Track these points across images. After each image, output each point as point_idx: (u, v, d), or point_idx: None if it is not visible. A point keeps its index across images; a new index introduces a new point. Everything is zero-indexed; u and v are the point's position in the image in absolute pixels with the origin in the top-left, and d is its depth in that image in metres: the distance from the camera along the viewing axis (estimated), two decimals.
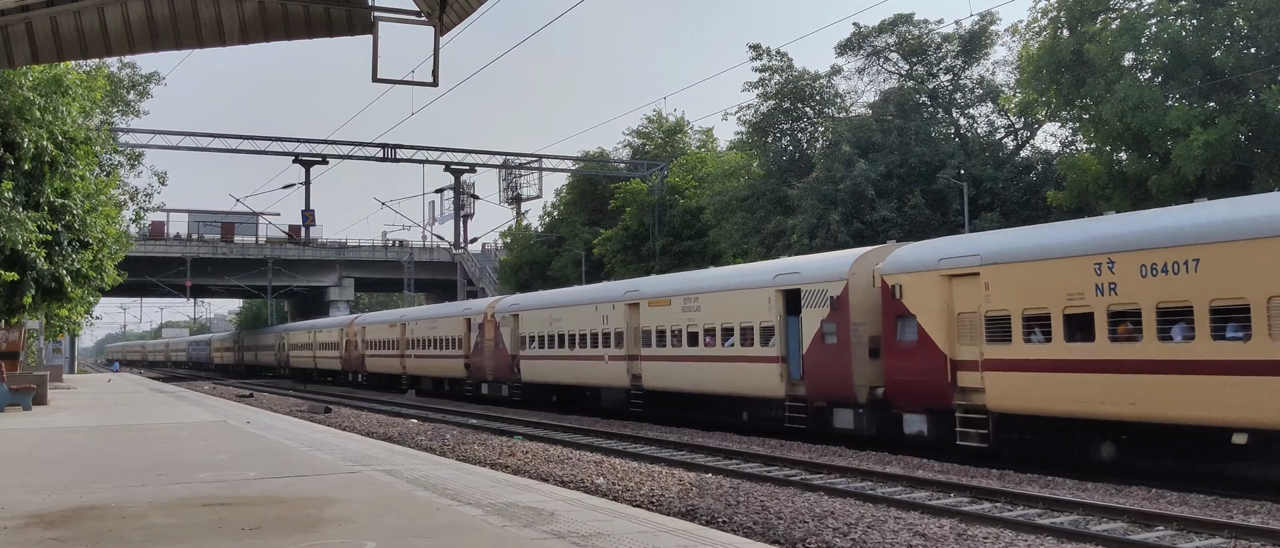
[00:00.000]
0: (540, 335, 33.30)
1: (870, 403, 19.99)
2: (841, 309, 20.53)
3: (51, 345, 52.86)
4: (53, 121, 23.91)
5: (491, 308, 37.64)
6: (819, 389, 21.21)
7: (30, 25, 11.00)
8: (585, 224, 66.56)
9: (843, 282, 20.63)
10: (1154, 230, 15.10)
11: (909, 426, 19.01)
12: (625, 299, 28.69)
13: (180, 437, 18.36)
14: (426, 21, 11.13)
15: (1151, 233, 15.08)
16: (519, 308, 35.60)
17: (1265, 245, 13.49)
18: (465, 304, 42.50)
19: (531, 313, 34.45)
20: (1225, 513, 12.57)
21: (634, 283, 30.15)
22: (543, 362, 33.32)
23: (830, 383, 20.81)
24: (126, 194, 37.14)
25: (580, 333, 30.79)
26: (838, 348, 20.52)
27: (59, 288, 27.03)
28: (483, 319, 38.02)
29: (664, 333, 26.52)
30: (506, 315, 36.06)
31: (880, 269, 19.71)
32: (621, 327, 28.46)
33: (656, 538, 8.24)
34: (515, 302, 37.21)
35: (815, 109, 49.96)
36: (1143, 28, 32.13)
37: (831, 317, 20.74)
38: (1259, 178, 29.32)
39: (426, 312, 48.32)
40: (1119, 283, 15.18)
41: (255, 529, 8.61)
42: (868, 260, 20.63)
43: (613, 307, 29.17)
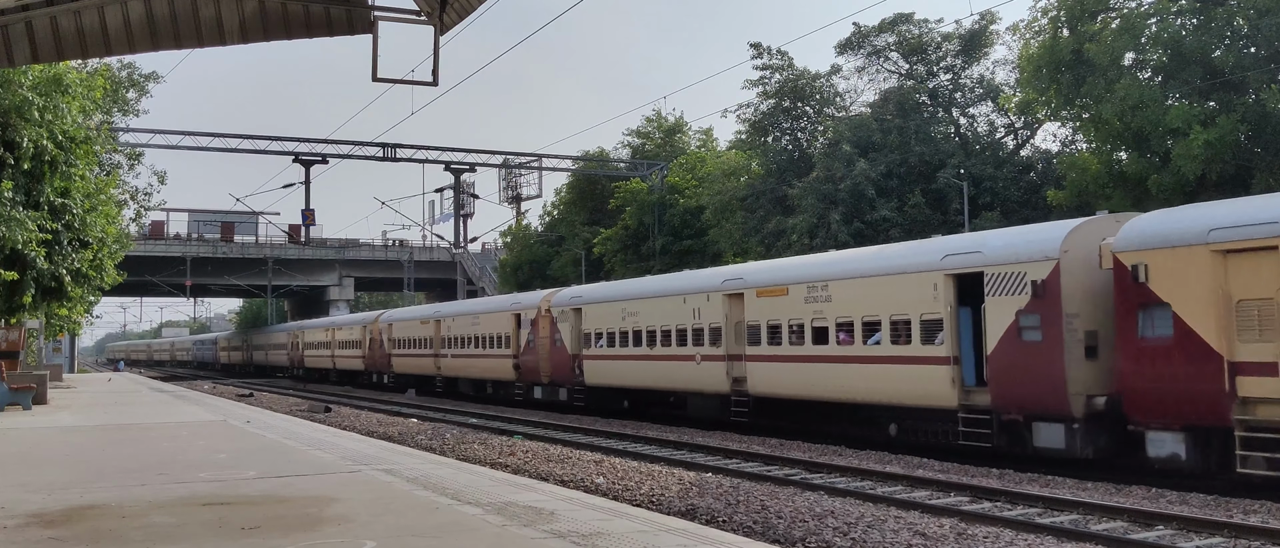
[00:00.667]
0: (609, 332, 29.17)
1: (1088, 416, 15.97)
2: (1049, 296, 16.44)
3: (51, 345, 52.84)
4: (53, 121, 23.90)
5: (547, 301, 33.43)
6: (1011, 399, 17.02)
7: (30, 25, 11.00)
8: (585, 224, 66.59)
9: (1052, 262, 16.49)
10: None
11: (1156, 447, 14.92)
12: (724, 289, 24.54)
13: (180, 436, 18.36)
14: (426, 21, 11.13)
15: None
16: (582, 301, 31.22)
17: None
18: (515, 297, 38.10)
19: (598, 306, 30.14)
20: (1225, 513, 12.57)
21: (736, 269, 25.77)
22: (612, 362, 29.13)
23: (1030, 391, 16.70)
24: (126, 194, 37.17)
25: (662, 329, 26.60)
26: (1043, 346, 16.44)
27: (59, 287, 27.02)
28: (536, 314, 33.57)
29: (778, 329, 22.38)
30: (565, 309, 31.79)
31: (1111, 245, 15.69)
32: (718, 321, 24.51)
33: (656, 537, 8.24)
34: (577, 294, 32.49)
35: (815, 108, 49.98)
36: (1143, 27, 32.13)
37: (1033, 306, 16.65)
38: (1259, 177, 29.33)
39: (467, 307, 43.64)
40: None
41: (255, 529, 8.61)
42: (1088, 233, 16.60)
43: (706, 298, 25.11)
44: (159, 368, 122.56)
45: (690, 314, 25.66)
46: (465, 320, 40.47)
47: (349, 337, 56.79)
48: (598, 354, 29.96)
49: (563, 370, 32.02)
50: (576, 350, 31.12)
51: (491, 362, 37.80)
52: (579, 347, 31.06)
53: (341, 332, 59.12)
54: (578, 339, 31.13)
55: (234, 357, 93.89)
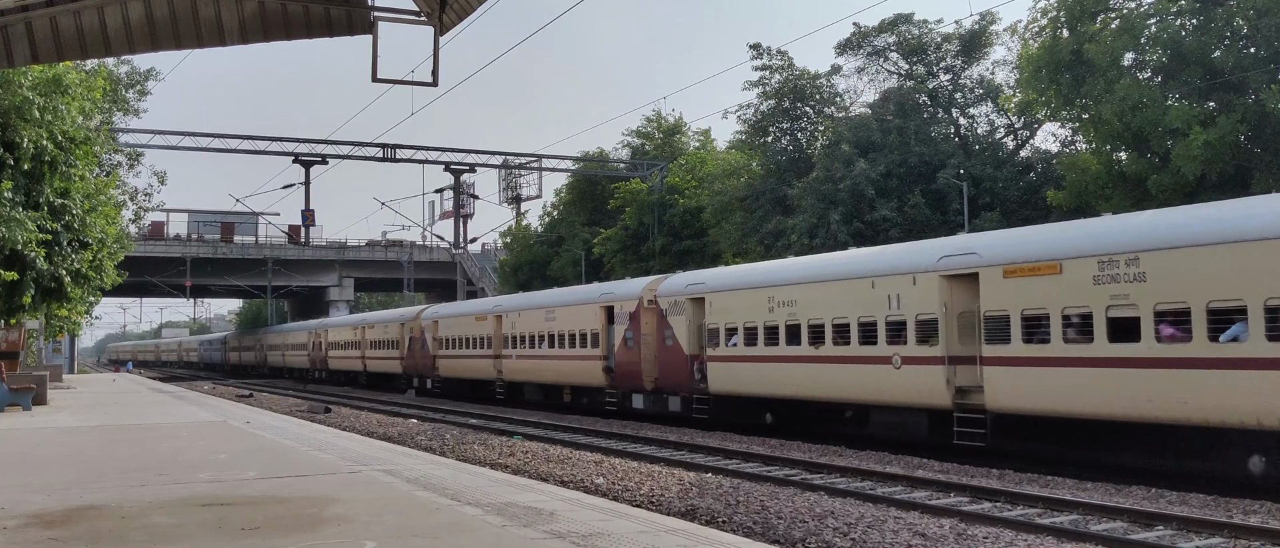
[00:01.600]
0: (747, 326, 23.26)
1: None
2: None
3: (51, 345, 52.86)
4: (52, 121, 23.92)
5: (650, 291, 27.67)
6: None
7: (30, 25, 11.00)
8: (585, 224, 66.62)
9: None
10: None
11: None
12: (942, 268, 18.43)
13: (180, 437, 18.36)
14: (426, 21, 11.14)
15: None
16: (705, 288, 25.22)
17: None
18: (606, 287, 31.65)
19: (732, 295, 24.22)
20: (1225, 513, 12.57)
21: (963, 241, 19.29)
22: (751, 366, 23.15)
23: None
24: (126, 194, 37.20)
25: (835, 322, 20.71)
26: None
27: (59, 288, 27.03)
28: (635, 306, 27.87)
29: (1040, 321, 16.52)
30: (679, 299, 26.09)
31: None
32: (931, 311, 18.43)
33: (656, 538, 8.24)
34: (697, 280, 26.51)
35: (815, 108, 50.01)
36: (1142, 27, 32.16)
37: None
38: (1258, 177, 29.34)
39: (538, 299, 36.22)
40: None
41: (255, 529, 8.60)
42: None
43: (912, 281, 18.98)
44: (166, 369, 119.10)
45: (882, 302, 19.48)
46: (535, 315, 34.25)
47: (384, 336, 50.42)
48: (729, 355, 23.88)
49: (676, 375, 26.12)
50: (695, 350, 25.33)
51: (572, 364, 31.47)
52: (700, 345, 25.21)
53: (374, 330, 52.29)
54: (698, 336, 25.31)
55: (246, 357, 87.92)
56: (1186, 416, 14.38)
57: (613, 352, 29.14)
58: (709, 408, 24.81)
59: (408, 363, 46.83)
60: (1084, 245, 16.16)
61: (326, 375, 61.24)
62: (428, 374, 44.23)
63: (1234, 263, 13.92)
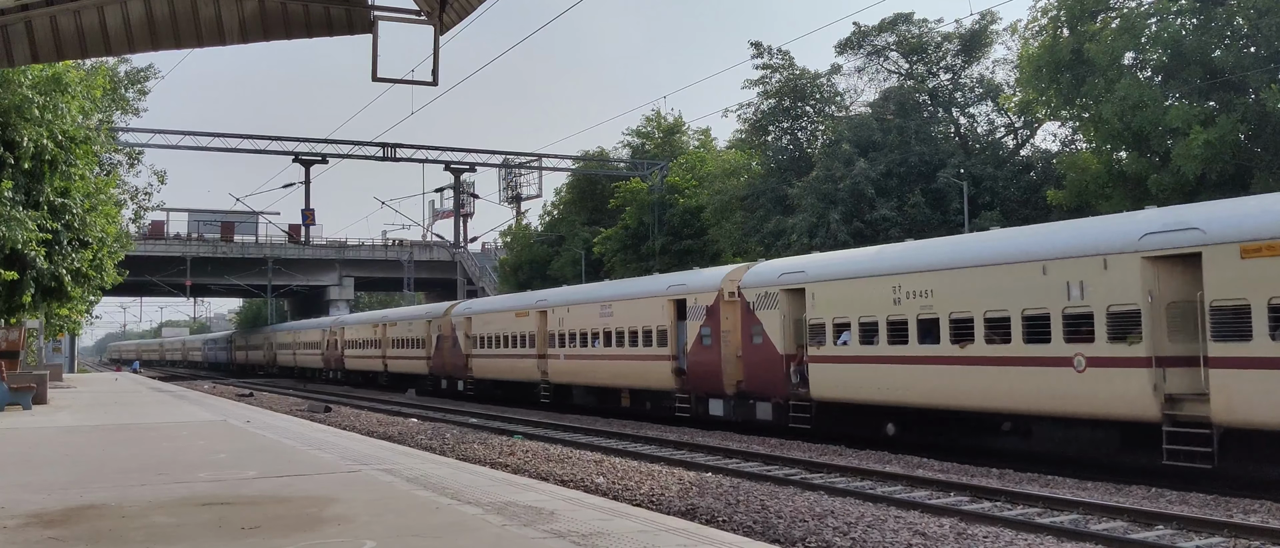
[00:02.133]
0: (862, 322, 19.98)
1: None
2: None
3: (51, 345, 52.86)
4: (52, 120, 23.92)
5: (732, 282, 24.26)
6: None
7: (30, 25, 11.00)
8: (585, 223, 66.62)
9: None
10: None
11: None
12: (1144, 249, 15.14)
13: (180, 436, 18.36)
14: (426, 21, 11.14)
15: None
16: (805, 278, 21.78)
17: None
18: (676, 278, 27.51)
19: (840, 286, 20.74)
20: (1225, 512, 12.57)
21: (1170, 215, 15.65)
22: (865, 368, 19.91)
23: None
24: (126, 193, 37.20)
25: (989, 316, 17.22)
26: None
27: (59, 287, 27.03)
28: (714, 300, 24.58)
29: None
30: (772, 291, 22.69)
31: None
32: (1129, 302, 15.18)
33: (656, 537, 8.24)
34: (796, 268, 22.65)
35: (815, 108, 50.01)
36: (1142, 27, 32.16)
37: None
38: (1259, 177, 29.34)
39: (592, 292, 32.20)
40: None
41: (255, 529, 8.60)
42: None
43: (1101, 265, 15.63)
44: (170, 368, 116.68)
45: (1057, 291, 16.10)
46: (588, 310, 30.62)
47: (408, 334, 46.77)
48: (838, 355, 20.59)
49: (766, 378, 22.81)
50: (791, 349, 22.10)
51: (633, 365, 27.92)
52: (799, 344, 22.02)
53: (397, 328, 48.48)
54: (795, 333, 22.09)
55: (253, 356, 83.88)
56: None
57: (684, 351, 25.71)
58: (811, 416, 21.35)
59: (435, 363, 43.49)
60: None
61: (343, 376, 57.88)
62: (459, 376, 40.69)
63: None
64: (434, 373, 43.54)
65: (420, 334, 45.00)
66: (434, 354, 43.25)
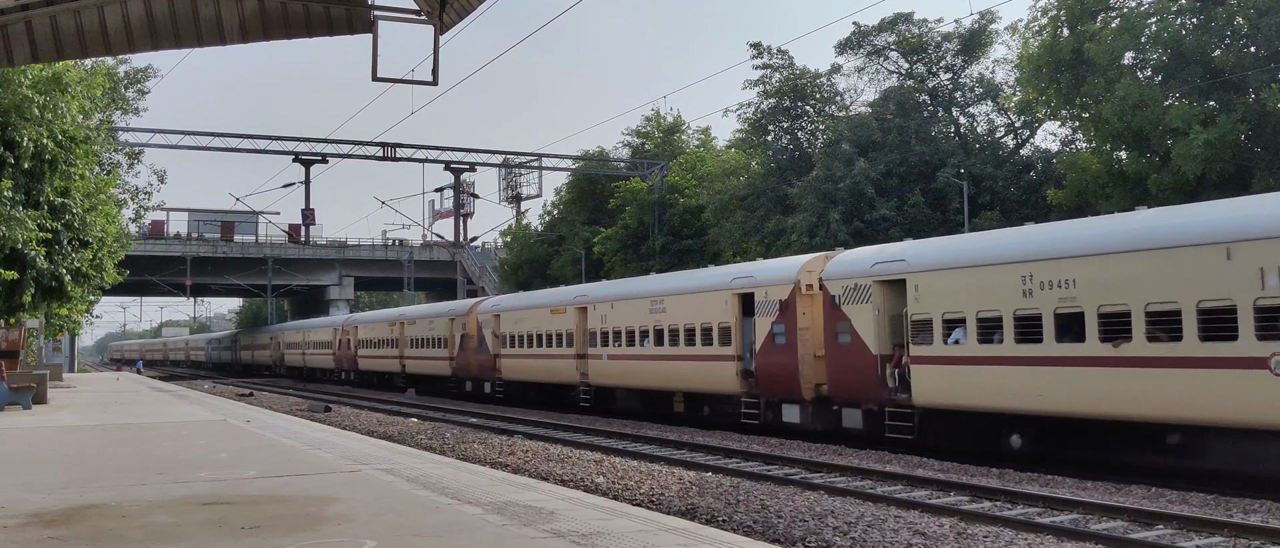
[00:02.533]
0: (982, 317, 17.34)
1: None
2: None
3: (51, 344, 52.89)
4: (52, 120, 23.93)
5: (811, 274, 21.58)
6: None
7: (30, 25, 11.00)
8: (585, 223, 66.64)
9: None
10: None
11: None
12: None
13: (180, 436, 18.37)
14: (426, 21, 11.14)
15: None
16: (907, 268, 19.00)
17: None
18: (741, 270, 24.97)
19: (951, 276, 18.09)
20: (1225, 512, 12.57)
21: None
22: (988, 370, 17.21)
23: None
24: (126, 193, 37.23)
25: (1153, 310, 14.84)
26: None
27: (59, 287, 27.04)
28: (788, 293, 21.80)
29: None
30: (863, 283, 19.78)
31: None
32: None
33: (656, 537, 8.24)
34: (893, 257, 19.71)
35: (815, 107, 50.03)
36: (1142, 27, 32.16)
37: None
38: (1259, 177, 29.36)
39: (642, 286, 29.05)
40: None
41: (255, 528, 8.61)
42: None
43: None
44: (173, 368, 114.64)
45: (1246, 278, 13.74)
46: (635, 306, 27.96)
47: (429, 332, 44.17)
48: (950, 356, 17.93)
49: (855, 381, 20.01)
50: (885, 348, 19.44)
51: (690, 367, 25.20)
52: (894, 342, 19.41)
53: (417, 326, 45.81)
54: (892, 330, 19.40)
55: (260, 356, 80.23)
56: None
57: (751, 350, 23.19)
58: (914, 426, 18.60)
59: (459, 363, 40.72)
60: None
61: (356, 377, 54.98)
62: (487, 377, 37.85)
63: None
64: (458, 374, 41.00)
65: (442, 333, 42.37)
66: (458, 354, 40.70)
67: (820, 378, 21.26)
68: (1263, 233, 13.68)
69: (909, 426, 18.66)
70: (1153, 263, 14.85)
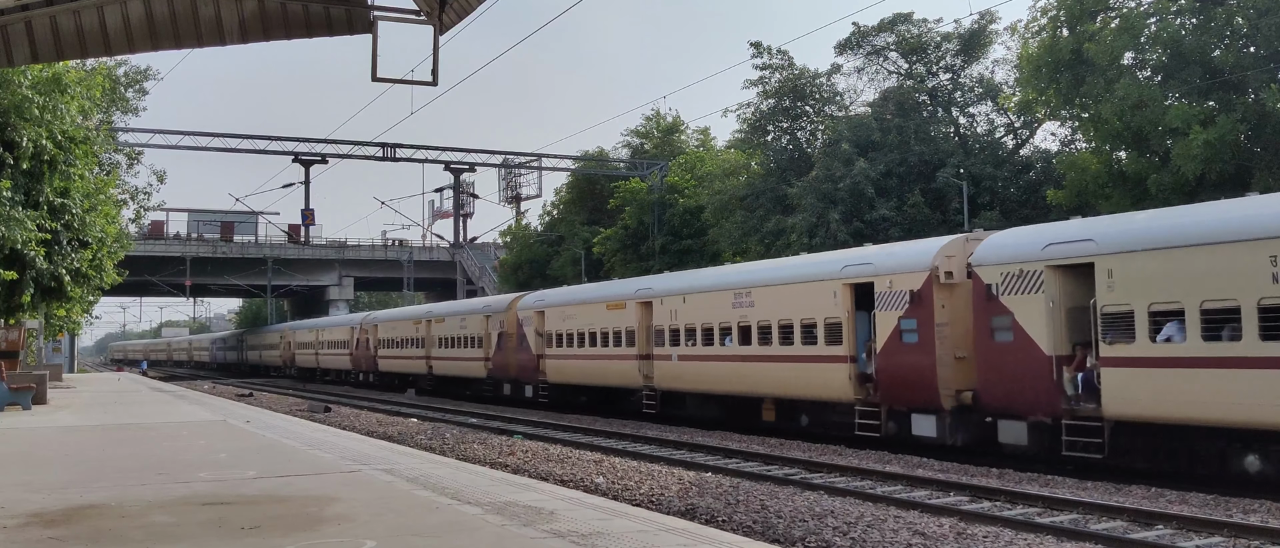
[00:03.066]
0: (1210, 309, 14.10)
1: None
2: None
3: (51, 345, 52.88)
4: (52, 120, 23.92)
5: (950, 261, 18.82)
6: None
7: (30, 25, 11.00)
8: (584, 223, 66.64)
9: None
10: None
11: None
12: None
13: (180, 436, 18.37)
14: (426, 21, 11.14)
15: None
16: (1096, 249, 15.93)
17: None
18: (853, 256, 22.10)
19: (1163, 258, 14.86)
20: (1225, 512, 12.57)
21: None
22: (1216, 374, 13.98)
23: None
24: (126, 193, 37.24)
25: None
26: None
27: (58, 287, 27.04)
28: (922, 283, 18.90)
29: None
30: (1026, 268, 16.88)
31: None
32: None
33: (656, 537, 8.24)
34: (1080, 236, 16.51)
35: (815, 108, 50.04)
36: (1142, 27, 32.15)
37: None
38: (1259, 177, 29.35)
39: (725, 277, 25.65)
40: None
41: (255, 528, 8.61)
42: None
43: None
44: (179, 368, 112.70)
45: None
46: (714, 300, 24.60)
47: (460, 331, 40.54)
48: (1155, 357, 14.85)
49: (1022, 387, 16.82)
50: (1061, 349, 16.36)
51: (787, 370, 21.99)
52: (1078, 341, 16.29)
53: (446, 324, 42.53)
54: (1070, 326, 16.37)
55: (268, 357, 76.18)
56: None
57: (868, 350, 20.34)
58: (1104, 442, 15.43)
59: (496, 365, 37.40)
60: None
61: (376, 379, 51.69)
62: (528, 379, 34.43)
63: None
64: (494, 376, 37.59)
65: (476, 331, 38.65)
66: (495, 354, 37.33)
67: (966, 383, 18.08)
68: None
69: (1096, 441, 15.50)
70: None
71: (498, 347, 36.83)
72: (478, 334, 38.49)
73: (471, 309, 41.30)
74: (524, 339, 34.75)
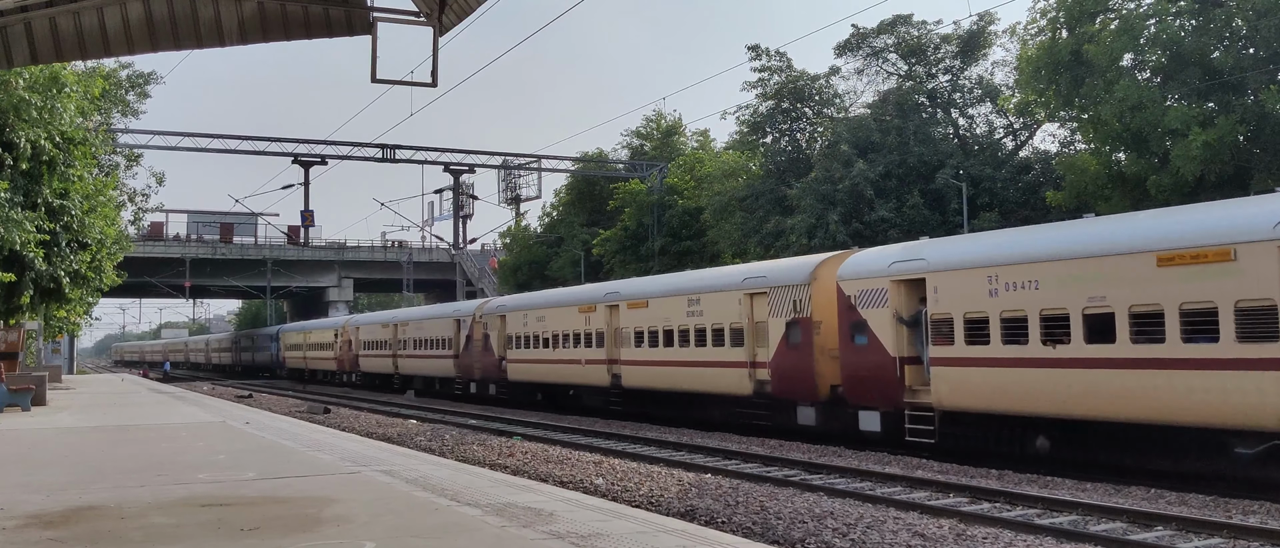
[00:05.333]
0: None
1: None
2: None
3: (50, 346, 52.85)
4: (50, 122, 23.91)
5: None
6: None
7: (29, 25, 11.00)
8: (584, 224, 66.62)
9: None
10: None
11: None
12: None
13: (179, 437, 18.35)
14: (425, 22, 11.14)
15: None
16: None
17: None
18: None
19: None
20: (1224, 513, 12.57)
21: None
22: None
23: None
24: (125, 195, 37.21)
25: None
26: None
27: (57, 289, 27.04)
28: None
29: None
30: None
31: None
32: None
33: (655, 538, 8.23)
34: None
35: (814, 109, 50.05)
36: (1141, 28, 32.15)
37: None
38: (1258, 178, 29.34)
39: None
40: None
41: (254, 530, 8.60)
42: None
43: None
44: (194, 369, 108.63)
45: None
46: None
47: (567, 325, 31.81)
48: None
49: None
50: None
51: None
52: None
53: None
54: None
55: (321, 359, 61.91)
56: None
57: None
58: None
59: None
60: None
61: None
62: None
63: None
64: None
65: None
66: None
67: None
68: None
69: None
70: None
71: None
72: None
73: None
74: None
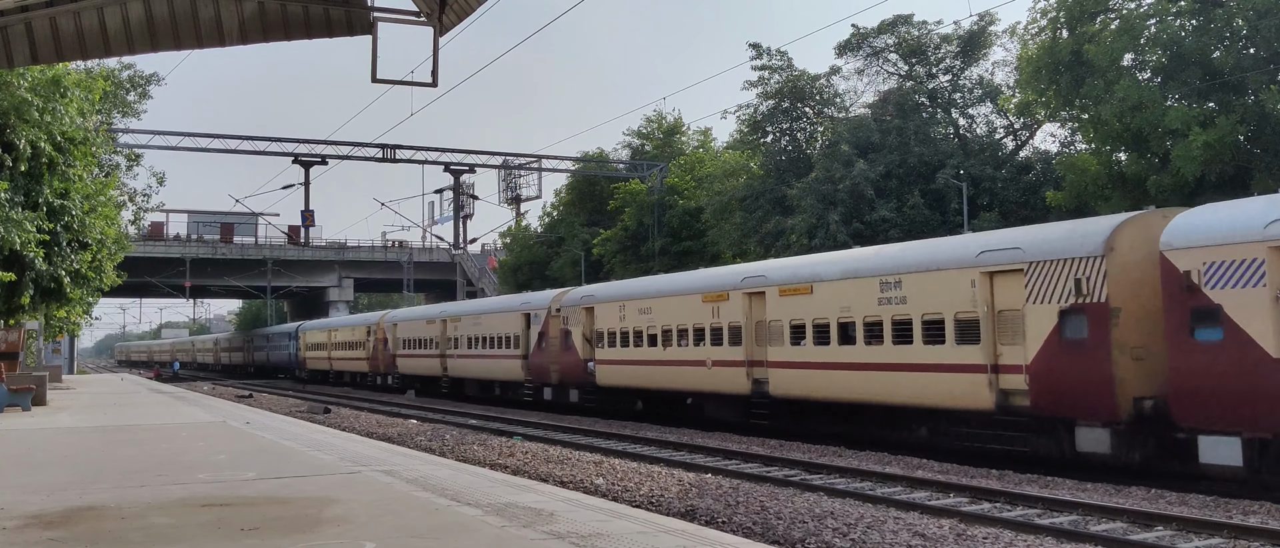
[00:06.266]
0: None
1: None
2: None
3: (51, 346, 52.85)
4: (51, 122, 23.90)
5: None
6: None
7: (30, 26, 10.99)
8: (584, 225, 66.61)
9: None
10: None
11: None
12: None
13: (179, 437, 18.35)
14: (426, 22, 11.14)
15: None
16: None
17: None
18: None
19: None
20: (1224, 513, 12.57)
21: None
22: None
23: None
24: (126, 195, 37.20)
25: None
26: None
27: (58, 289, 27.03)
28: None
29: None
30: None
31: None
32: None
33: (656, 538, 8.23)
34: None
35: (815, 109, 50.03)
36: (1142, 28, 32.13)
37: None
38: (1258, 178, 29.33)
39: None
40: None
41: (254, 530, 8.60)
42: None
43: None
44: (203, 369, 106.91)
45: None
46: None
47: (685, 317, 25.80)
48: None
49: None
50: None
51: None
52: None
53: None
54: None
55: (349, 361, 57.49)
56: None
57: None
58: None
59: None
60: None
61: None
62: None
63: None
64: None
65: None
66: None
67: None
68: None
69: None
70: None
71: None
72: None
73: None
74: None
